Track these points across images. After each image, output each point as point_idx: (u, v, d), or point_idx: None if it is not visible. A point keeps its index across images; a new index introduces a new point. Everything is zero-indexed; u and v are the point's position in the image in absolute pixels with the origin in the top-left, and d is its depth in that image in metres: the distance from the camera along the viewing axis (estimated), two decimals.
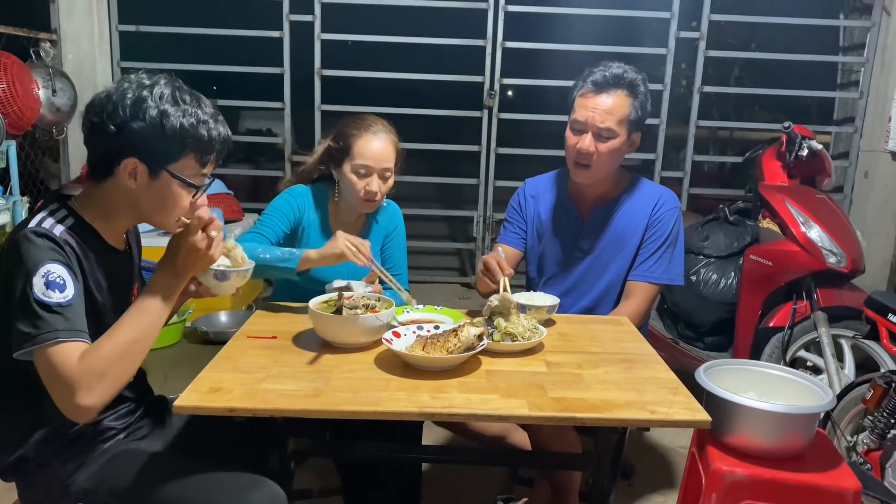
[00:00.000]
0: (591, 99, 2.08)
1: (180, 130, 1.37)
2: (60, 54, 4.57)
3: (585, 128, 2.09)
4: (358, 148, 2.09)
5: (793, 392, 1.68)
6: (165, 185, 1.42)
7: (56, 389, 1.28)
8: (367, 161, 2.08)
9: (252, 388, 1.44)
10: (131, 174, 1.39)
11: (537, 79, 5.31)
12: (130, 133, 1.35)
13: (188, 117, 1.38)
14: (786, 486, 1.52)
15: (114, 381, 1.32)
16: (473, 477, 2.62)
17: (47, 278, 1.28)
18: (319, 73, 5.12)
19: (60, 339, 1.27)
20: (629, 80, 2.08)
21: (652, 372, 1.64)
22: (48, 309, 1.27)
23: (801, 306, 2.94)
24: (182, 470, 1.47)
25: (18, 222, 3.56)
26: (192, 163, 1.42)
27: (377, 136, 2.11)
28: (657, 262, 2.17)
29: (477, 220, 5.45)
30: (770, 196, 3.11)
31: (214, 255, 1.45)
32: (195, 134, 1.39)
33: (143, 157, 1.38)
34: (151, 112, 1.35)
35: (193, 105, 1.40)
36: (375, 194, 2.09)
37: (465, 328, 1.58)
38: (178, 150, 1.40)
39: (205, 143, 1.41)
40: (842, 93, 5.37)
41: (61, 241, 1.34)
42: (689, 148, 5.29)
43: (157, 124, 1.36)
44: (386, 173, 2.12)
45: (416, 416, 1.39)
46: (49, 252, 1.31)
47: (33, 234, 1.32)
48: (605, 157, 2.10)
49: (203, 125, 1.40)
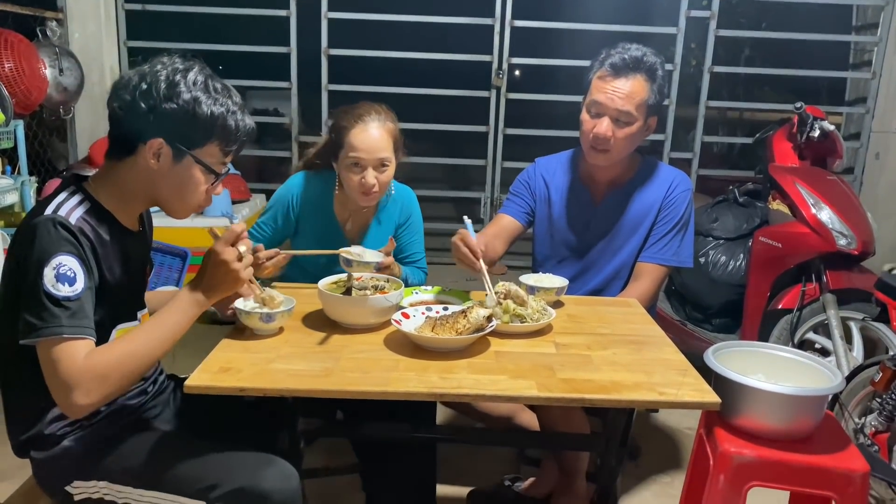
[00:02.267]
0: (609, 82, 2.06)
1: (210, 118, 1.40)
2: (67, 33, 4.56)
3: (603, 111, 2.07)
4: (349, 141, 2.01)
5: (801, 374, 1.68)
6: (187, 169, 1.44)
7: (55, 384, 1.30)
8: (359, 154, 2.00)
9: (262, 369, 1.45)
10: (155, 155, 1.41)
11: (546, 58, 5.27)
12: (162, 114, 1.37)
13: (219, 106, 1.41)
14: (794, 468, 1.52)
15: (114, 387, 1.33)
16: (481, 457, 2.64)
17: (58, 270, 1.29)
18: (326, 52, 5.10)
19: (65, 335, 1.28)
20: (648, 65, 2.06)
21: (661, 353, 1.64)
22: (56, 302, 1.28)
23: (810, 288, 2.93)
24: (194, 448, 1.48)
25: (31, 204, 3.60)
26: (217, 150, 1.45)
27: (368, 126, 2.02)
28: (668, 245, 2.16)
29: (484, 202, 5.43)
30: (780, 177, 3.08)
31: (242, 275, 1.46)
32: (224, 123, 1.43)
33: (170, 140, 1.40)
34: (185, 96, 1.38)
35: (224, 95, 1.43)
36: (372, 187, 2.02)
37: (474, 309, 1.58)
38: (206, 136, 1.42)
39: (231, 132, 1.45)
40: (854, 73, 5.32)
41: (76, 229, 1.35)
42: (698, 128, 5.26)
43: (188, 109, 1.38)
44: (382, 164, 2.03)
45: (426, 396, 1.39)
46: (63, 243, 1.32)
47: (49, 222, 1.33)
48: (623, 141, 2.09)
49: (232, 115, 1.44)
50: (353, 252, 1.84)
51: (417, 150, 5.88)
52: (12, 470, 2.01)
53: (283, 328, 1.67)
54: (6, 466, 2.09)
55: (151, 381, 1.66)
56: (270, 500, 1.39)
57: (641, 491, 2.51)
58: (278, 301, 1.65)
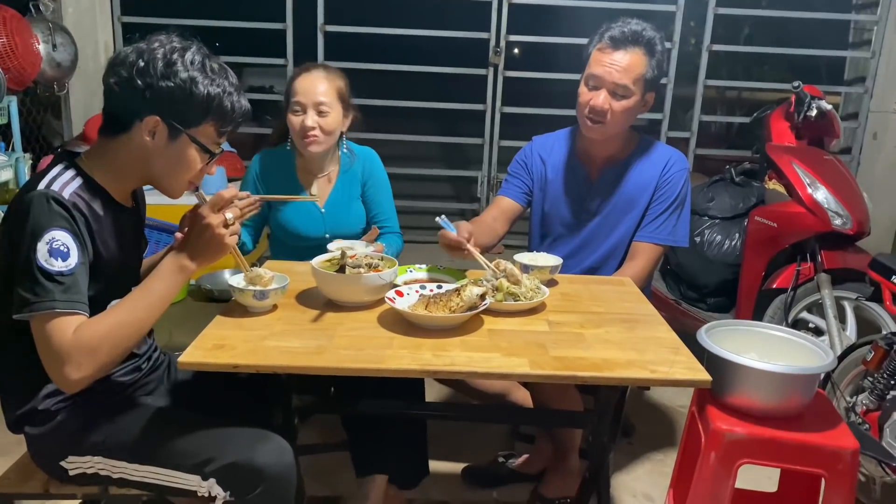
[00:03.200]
0: (607, 55, 2.05)
1: (206, 98, 1.41)
2: (60, 8, 4.50)
3: (601, 84, 2.07)
4: (294, 88, 2.15)
5: (794, 353, 1.69)
6: (182, 147, 1.44)
7: (47, 359, 1.31)
8: (298, 97, 2.13)
9: (256, 346, 1.45)
10: (150, 132, 1.40)
11: (544, 36, 5.22)
12: (159, 92, 1.37)
13: (215, 86, 1.42)
14: (784, 445, 1.54)
15: (105, 359, 1.34)
16: (475, 434, 2.66)
17: (51, 245, 1.29)
18: (322, 28, 5.05)
19: (57, 309, 1.29)
20: (647, 38, 2.05)
21: (653, 332, 1.65)
22: (49, 277, 1.29)
23: (804, 268, 2.94)
24: (190, 423, 1.49)
25: (24, 179, 3.58)
26: (212, 130, 1.46)
27: (312, 74, 2.16)
28: (663, 224, 2.17)
29: (481, 181, 5.42)
30: (777, 157, 3.08)
31: (227, 241, 1.45)
32: (220, 103, 1.43)
33: (166, 117, 1.40)
34: (182, 75, 1.38)
35: (221, 76, 1.44)
36: (311, 129, 2.12)
37: (467, 288, 1.58)
38: (201, 115, 1.43)
39: (227, 113, 1.45)
40: (853, 52, 5.29)
41: (70, 204, 1.34)
42: (696, 108, 5.24)
43: (185, 88, 1.38)
44: (321, 108, 2.13)
45: (419, 373, 1.40)
46: (56, 218, 1.31)
47: (43, 196, 1.32)
48: (619, 115, 2.09)
49: (228, 96, 1.44)
50: (343, 245, 1.89)
51: (414, 128, 5.89)
52: (8, 446, 2.02)
53: (276, 305, 1.68)
54: (2, 442, 2.10)
55: (146, 357, 1.66)
56: (265, 475, 1.40)
57: (634, 468, 2.54)
58: (267, 279, 1.65)
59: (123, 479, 1.48)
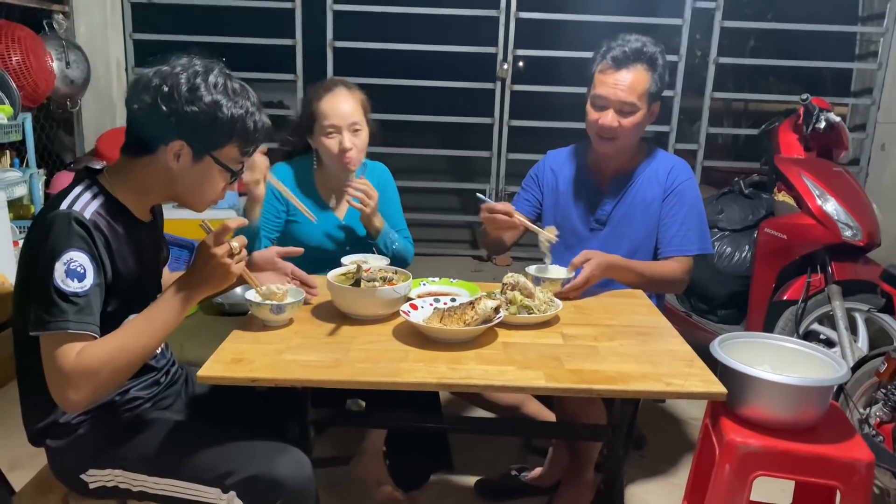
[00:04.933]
0: (611, 75, 2.10)
1: (230, 120, 1.41)
2: (73, 26, 4.56)
3: (607, 104, 2.11)
4: (321, 110, 2.13)
5: (806, 365, 1.69)
6: (206, 168, 1.46)
7: (50, 378, 1.32)
8: (332, 120, 2.12)
9: (273, 359, 1.47)
10: (175, 155, 1.42)
11: (551, 50, 5.26)
12: (183, 117, 1.38)
13: (238, 108, 1.42)
14: (799, 458, 1.54)
15: (104, 383, 1.35)
16: (487, 447, 2.66)
17: (68, 266, 1.31)
18: (331, 44, 5.09)
19: (70, 329, 1.30)
20: (649, 55, 2.09)
21: (667, 344, 1.65)
22: (64, 297, 1.30)
23: (815, 280, 2.93)
24: (209, 436, 1.50)
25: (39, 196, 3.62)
26: (236, 151, 1.47)
27: (336, 94, 2.15)
28: (687, 234, 2.20)
29: (489, 193, 5.43)
30: (786, 169, 3.08)
31: (234, 269, 1.43)
32: (243, 125, 1.44)
33: (191, 141, 1.41)
34: (206, 99, 1.39)
35: (243, 97, 1.45)
36: (349, 150, 2.13)
37: (481, 301, 1.59)
38: (226, 138, 1.44)
39: (250, 133, 1.46)
40: (860, 63, 5.30)
41: (91, 224, 1.36)
42: (703, 120, 5.25)
43: (210, 112, 1.39)
44: (354, 127, 2.15)
45: (435, 386, 1.41)
46: (75, 239, 1.33)
47: (65, 217, 1.34)
48: (629, 130, 2.13)
49: (251, 117, 1.45)
50: (357, 259, 1.93)
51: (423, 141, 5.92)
52: (26, 459, 2.03)
53: (293, 319, 1.69)
54: (20, 455, 2.11)
55: (164, 371, 1.68)
56: (284, 488, 1.41)
57: (647, 481, 2.53)
58: (281, 293, 1.66)
59: (143, 492, 1.50)
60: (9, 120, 3.47)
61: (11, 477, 1.64)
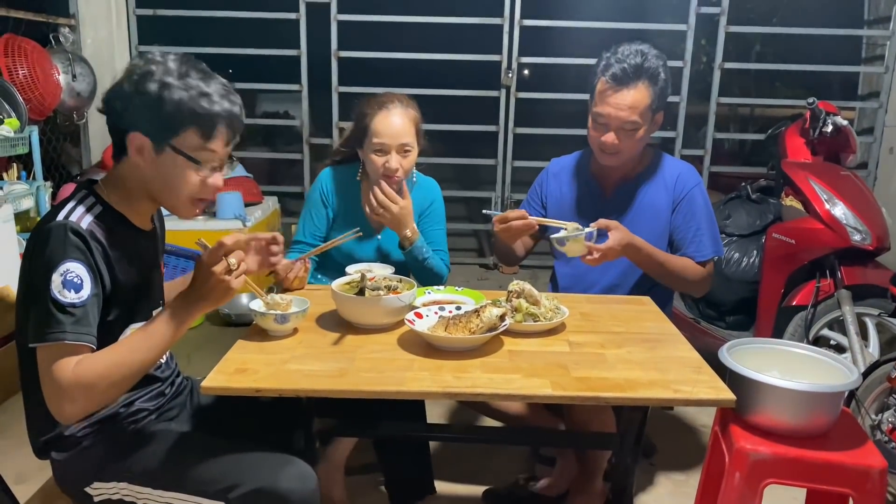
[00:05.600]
0: (611, 95, 2.07)
1: (178, 102, 1.36)
2: (79, 39, 4.60)
3: (609, 122, 2.09)
4: (374, 126, 2.11)
5: (817, 371, 1.67)
6: (170, 160, 1.41)
7: (46, 389, 1.32)
8: (382, 139, 2.10)
9: (278, 369, 1.46)
10: (139, 150, 1.40)
11: (555, 57, 5.26)
12: (133, 106, 1.37)
13: (189, 90, 1.37)
14: (810, 465, 1.51)
15: (100, 397, 1.34)
16: (495, 456, 2.64)
17: (65, 277, 1.31)
18: (336, 54, 5.11)
19: (67, 340, 1.29)
20: (650, 71, 2.06)
21: (675, 351, 1.64)
22: (61, 308, 1.30)
23: (824, 284, 2.91)
24: (214, 449, 1.49)
25: (45, 207, 3.63)
26: (195, 137, 1.40)
27: (392, 112, 2.12)
28: (702, 240, 2.18)
29: (495, 202, 5.43)
30: (793, 173, 3.07)
31: (233, 285, 1.39)
32: (194, 106, 1.37)
33: (147, 131, 1.38)
34: (152, 86, 1.36)
35: (197, 79, 1.39)
36: (395, 171, 2.11)
37: (487, 309, 1.58)
38: (178, 122, 1.38)
39: (205, 116, 1.39)
40: (867, 67, 5.28)
41: (87, 234, 1.36)
42: (709, 125, 5.24)
43: (157, 96, 1.36)
44: (405, 149, 2.12)
45: (440, 395, 1.40)
46: (72, 249, 1.33)
47: (61, 228, 1.34)
48: (631, 145, 2.12)
49: (204, 98, 1.38)
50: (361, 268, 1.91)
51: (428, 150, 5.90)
52: (33, 471, 2.03)
53: (297, 329, 1.68)
54: (25, 468, 2.11)
55: (169, 383, 1.67)
56: (289, 501, 1.39)
57: (657, 489, 2.51)
58: (285, 303, 1.66)
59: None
60: (15, 133, 3.49)
61: (18, 489, 1.63)
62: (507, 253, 2.34)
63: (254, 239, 1.76)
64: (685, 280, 2.16)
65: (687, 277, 2.15)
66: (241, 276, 1.41)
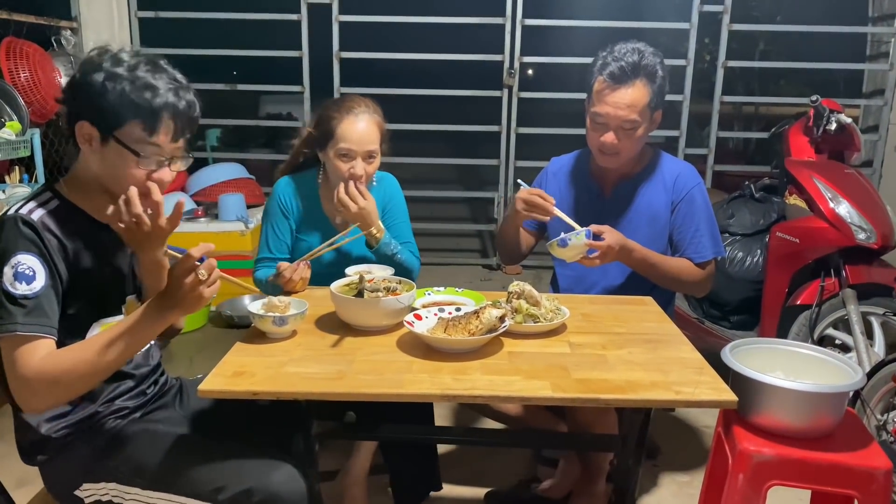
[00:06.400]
0: (609, 95, 2.05)
1: (121, 94, 1.35)
2: (81, 42, 4.60)
3: (607, 122, 2.07)
4: (340, 131, 2.06)
5: (821, 371, 1.65)
6: (115, 152, 1.40)
7: (10, 381, 1.32)
8: (350, 145, 2.05)
9: (276, 372, 1.45)
10: (87, 139, 1.40)
11: (558, 56, 5.25)
12: (80, 95, 1.38)
13: (136, 82, 1.36)
14: (815, 466, 1.50)
15: (63, 392, 1.34)
16: (497, 458, 2.63)
17: (16, 269, 1.31)
18: (338, 55, 5.11)
19: (19, 332, 1.29)
20: (647, 69, 2.04)
21: (677, 352, 1.62)
22: (12, 300, 1.30)
23: (829, 284, 2.89)
24: (204, 450, 1.49)
25: None
26: (138, 130, 1.38)
27: (359, 118, 2.07)
28: (702, 240, 2.16)
29: (497, 202, 5.42)
30: (797, 172, 3.05)
31: (205, 295, 1.35)
32: (137, 98, 1.36)
33: (92, 120, 1.38)
34: (98, 76, 1.36)
35: (147, 73, 1.38)
36: (360, 177, 2.07)
37: (486, 310, 1.57)
38: (122, 114, 1.37)
39: (148, 108, 1.37)
40: (871, 65, 5.25)
41: (40, 225, 1.36)
42: (713, 124, 5.22)
43: (102, 86, 1.36)
44: (370, 156, 2.09)
45: (439, 398, 1.39)
46: (23, 241, 1.33)
47: (12, 220, 1.35)
48: (631, 144, 2.10)
49: (150, 90, 1.37)
50: (360, 270, 1.89)
51: (430, 150, 5.92)
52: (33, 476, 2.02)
53: (296, 331, 1.68)
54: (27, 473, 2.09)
55: (151, 381, 1.66)
56: (278, 502, 1.40)
57: (660, 491, 2.49)
58: (282, 306, 1.65)
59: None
60: (17, 136, 3.50)
61: (18, 494, 1.63)
62: (511, 247, 2.32)
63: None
64: (682, 282, 2.15)
65: (683, 279, 2.14)
66: (214, 285, 1.37)
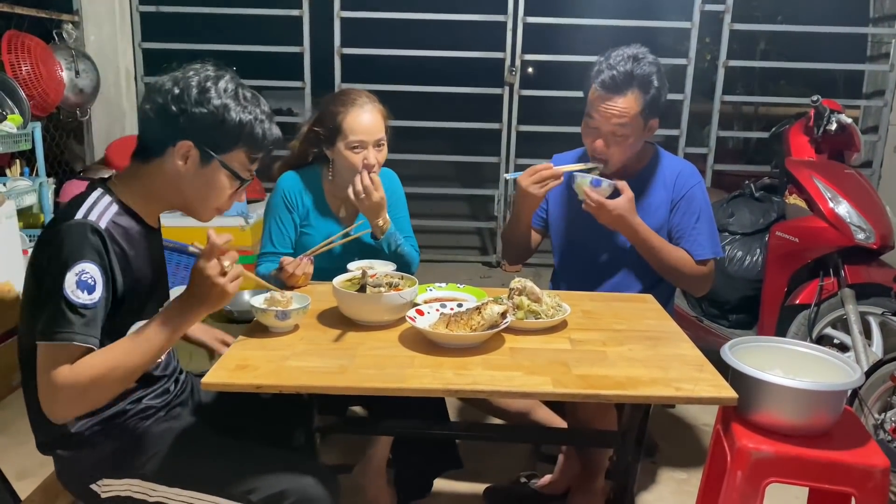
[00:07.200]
0: (601, 103, 2.05)
1: (238, 124, 1.42)
2: (82, 36, 4.60)
3: (599, 127, 2.07)
4: (348, 125, 2.08)
5: (819, 369, 1.66)
6: (213, 172, 1.45)
7: (42, 386, 1.32)
8: (360, 136, 2.07)
9: (278, 366, 1.46)
10: (183, 157, 1.42)
11: (559, 54, 5.25)
12: (192, 117, 1.39)
13: (247, 114, 1.43)
14: (812, 464, 1.51)
15: (92, 400, 1.35)
16: (496, 454, 2.64)
17: (80, 277, 1.30)
18: (339, 51, 5.11)
19: (76, 341, 1.29)
20: (641, 78, 2.03)
21: (677, 349, 1.63)
22: (73, 308, 1.30)
23: (828, 283, 2.90)
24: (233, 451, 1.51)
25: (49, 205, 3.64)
26: (243, 157, 1.47)
27: (363, 108, 2.10)
28: (699, 239, 2.16)
29: (498, 199, 5.42)
30: (797, 171, 3.06)
31: (228, 288, 1.38)
32: (251, 131, 1.44)
33: (199, 143, 1.42)
34: (215, 102, 1.40)
35: (253, 104, 1.46)
36: (374, 166, 2.10)
37: (488, 306, 1.58)
38: (233, 142, 1.44)
39: (258, 140, 1.46)
40: (871, 65, 5.25)
41: (106, 233, 1.36)
42: (713, 124, 5.22)
43: (218, 114, 1.40)
44: (379, 143, 2.12)
45: (441, 392, 1.40)
46: (89, 250, 1.33)
47: (80, 226, 1.34)
48: (620, 151, 2.10)
49: (259, 123, 1.45)
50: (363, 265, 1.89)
51: (431, 147, 5.93)
52: (35, 467, 2.03)
53: (298, 326, 1.68)
54: (28, 464, 2.11)
55: (173, 379, 1.67)
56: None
57: (658, 488, 2.50)
58: (284, 300, 1.66)
59: (160, 502, 1.49)
60: (18, 129, 3.50)
61: (20, 485, 1.63)
62: (522, 248, 2.32)
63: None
64: (682, 273, 2.14)
65: (683, 271, 2.13)
66: (237, 280, 1.40)
